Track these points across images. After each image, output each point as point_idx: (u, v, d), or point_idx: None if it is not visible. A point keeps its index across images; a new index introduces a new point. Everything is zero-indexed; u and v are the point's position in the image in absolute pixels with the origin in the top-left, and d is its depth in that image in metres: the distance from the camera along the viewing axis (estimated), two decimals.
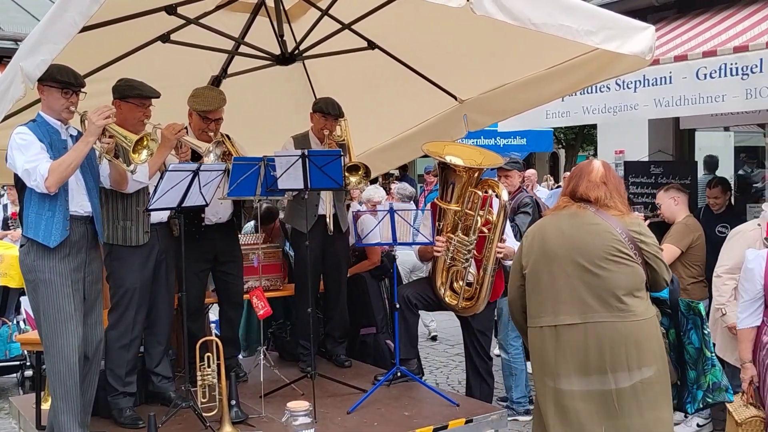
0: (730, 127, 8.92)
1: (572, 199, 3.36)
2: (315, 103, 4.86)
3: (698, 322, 3.46)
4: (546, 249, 3.34)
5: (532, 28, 3.47)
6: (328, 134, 4.67)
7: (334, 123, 4.72)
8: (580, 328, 3.20)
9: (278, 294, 5.30)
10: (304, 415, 3.62)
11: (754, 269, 3.72)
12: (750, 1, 6.08)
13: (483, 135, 11.79)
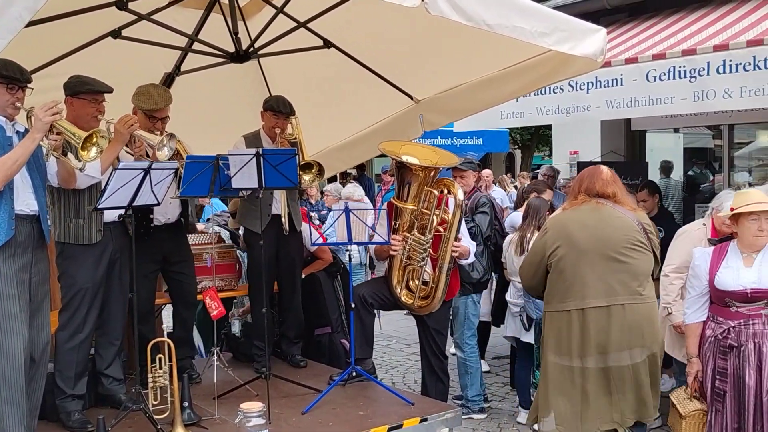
0: (680, 129, 9.13)
1: (589, 195, 3.82)
2: (266, 101, 4.82)
3: None
4: (572, 240, 3.76)
5: (486, 29, 3.50)
6: (279, 132, 4.64)
7: (285, 121, 4.69)
8: (604, 311, 3.67)
9: (233, 294, 5.24)
10: (258, 416, 3.58)
11: (701, 266, 3.81)
12: (699, 5, 6.24)
13: (440, 135, 11.86)
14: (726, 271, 3.71)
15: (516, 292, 5.57)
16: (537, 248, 3.97)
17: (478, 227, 5.66)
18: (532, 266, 3.99)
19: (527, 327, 5.38)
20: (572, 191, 4.01)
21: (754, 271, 3.64)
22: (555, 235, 3.84)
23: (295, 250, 4.96)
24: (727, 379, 3.69)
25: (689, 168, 9.98)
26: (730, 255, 3.76)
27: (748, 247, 3.71)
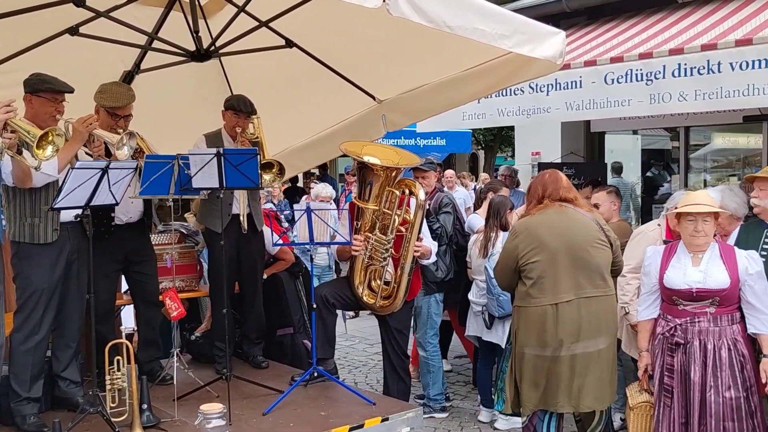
0: (638, 131, 9.30)
1: (552, 200, 4.10)
2: (227, 100, 4.79)
3: None
4: (544, 243, 4.02)
5: (447, 30, 3.53)
6: (240, 132, 4.61)
7: (246, 120, 4.67)
8: (574, 303, 3.96)
9: (193, 295, 5.19)
10: (218, 417, 3.56)
11: (651, 264, 3.91)
12: (656, 10, 6.36)
13: (403, 135, 11.91)
14: (674, 269, 3.80)
15: (478, 291, 5.61)
16: (509, 252, 4.18)
17: (443, 227, 5.71)
18: (505, 269, 4.22)
19: (489, 325, 5.43)
20: (534, 196, 4.20)
21: (700, 270, 3.72)
22: (527, 240, 4.09)
23: (257, 251, 4.93)
24: (674, 375, 3.78)
25: (647, 169, 10.18)
26: (679, 254, 3.85)
27: (688, 246, 3.81)
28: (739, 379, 3.64)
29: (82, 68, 4.45)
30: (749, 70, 4.49)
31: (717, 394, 3.65)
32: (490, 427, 5.59)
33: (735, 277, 3.67)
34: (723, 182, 8.40)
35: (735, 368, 3.65)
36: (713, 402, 3.65)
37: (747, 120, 7.12)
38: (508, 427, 5.51)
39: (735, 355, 3.66)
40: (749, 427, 3.63)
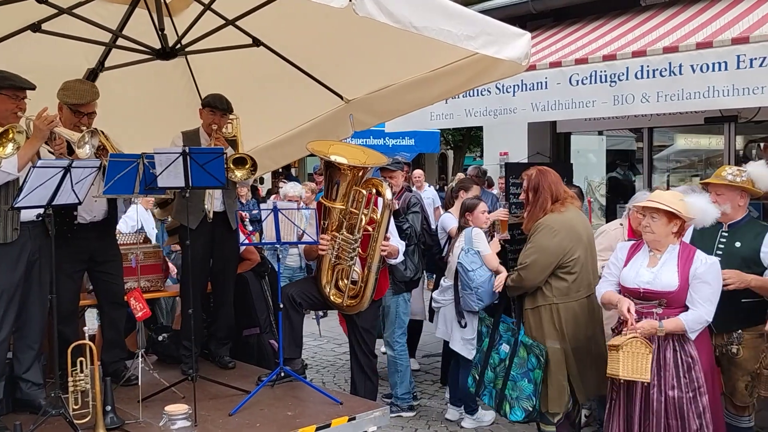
0: (603, 132, 9.41)
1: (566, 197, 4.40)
2: (204, 98, 4.79)
3: (511, 342, 4.47)
4: (581, 239, 4.37)
5: (413, 31, 3.54)
6: (216, 129, 4.59)
7: (222, 118, 4.65)
8: (592, 296, 4.26)
9: (159, 295, 5.15)
10: (184, 418, 3.54)
11: (618, 257, 3.98)
12: (619, 13, 6.46)
13: (372, 135, 11.92)
14: (630, 267, 3.86)
15: (442, 290, 5.65)
16: (553, 249, 4.31)
17: (412, 227, 5.73)
18: (545, 267, 4.33)
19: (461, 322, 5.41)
20: (549, 194, 4.40)
21: (653, 271, 3.78)
22: (568, 236, 4.34)
23: (230, 250, 4.90)
24: None
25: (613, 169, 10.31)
26: (640, 253, 3.91)
27: (647, 242, 3.87)
28: (684, 380, 3.69)
29: (46, 66, 4.39)
30: (709, 72, 4.58)
31: (660, 392, 3.71)
32: (458, 426, 5.64)
33: (684, 279, 3.71)
34: (686, 182, 8.55)
35: (680, 369, 3.71)
36: (655, 400, 3.71)
37: (708, 121, 7.26)
38: (474, 426, 5.57)
39: (682, 356, 3.72)
40: (695, 425, 3.69)
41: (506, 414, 4.45)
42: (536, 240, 4.37)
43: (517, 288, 4.48)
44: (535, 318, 4.42)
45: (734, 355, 4.05)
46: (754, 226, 4.19)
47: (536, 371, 4.34)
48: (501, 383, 4.47)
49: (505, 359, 4.49)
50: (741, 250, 4.07)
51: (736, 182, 4.10)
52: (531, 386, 4.35)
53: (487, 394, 4.61)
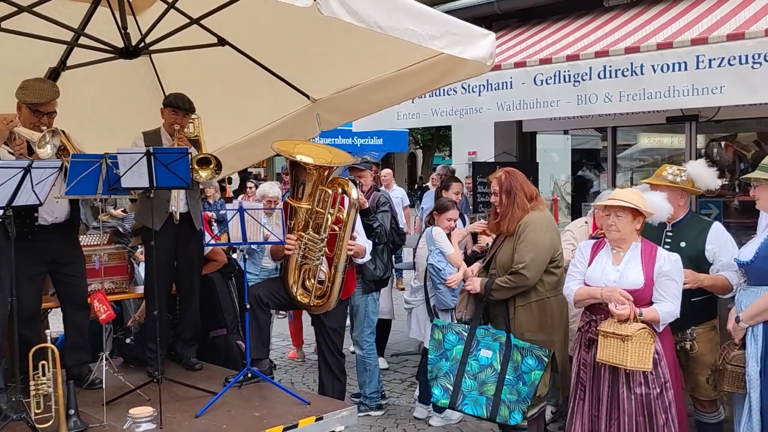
0: (569, 131, 9.52)
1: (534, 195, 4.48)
2: (165, 98, 4.73)
3: (495, 346, 4.38)
4: (559, 232, 4.53)
5: (378, 30, 3.55)
6: (178, 129, 4.55)
7: (185, 118, 4.61)
8: None
9: (123, 297, 5.09)
10: (148, 420, 3.50)
11: (583, 254, 4.03)
12: (583, 13, 6.54)
13: (340, 135, 11.90)
14: (595, 266, 3.90)
15: (412, 291, 5.68)
16: (548, 246, 4.38)
17: (382, 226, 5.75)
18: (543, 263, 4.36)
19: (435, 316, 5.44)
20: (524, 193, 4.44)
21: (618, 269, 3.83)
22: (555, 232, 4.49)
23: (195, 250, 4.86)
24: (587, 370, 3.89)
25: (578, 169, 10.43)
26: (603, 251, 3.95)
27: (609, 241, 3.92)
28: (652, 376, 3.73)
29: (6, 65, 4.33)
30: (670, 72, 4.66)
31: (628, 390, 3.75)
32: (426, 424, 5.66)
33: (650, 277, 3.77)
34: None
35: None
36: (625, 398, 3.75)
37: (670, 121, 7.38)
38: (442, 424, 5.60)
39: None
40: (662, 420, 3.74)
41: (505, 419, 4.32)
42: (529, 238, 4.35)
43: (514, 289, 4.36)
44: (527, 314, 4.39)
45: (690, 351, 4.13)
46: (698, 222, 4.27)
47: (535, 372, 4.29)
48: (494, 389, 4.35)
49: (488, 365, 4.38)
50: (686, 250, 4.13)
51: (676, 182, 4.18)
52: (526, 388, 4.31)
53: (469, 403, 4.40)
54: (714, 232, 4.15)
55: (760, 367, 3.59)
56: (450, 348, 4.50)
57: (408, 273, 10.36)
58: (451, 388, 4.44)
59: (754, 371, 3.60)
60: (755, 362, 3.60)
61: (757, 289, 3.64)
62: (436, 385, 4.52)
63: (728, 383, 3.75)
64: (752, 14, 4.81)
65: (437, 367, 4.53)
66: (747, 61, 4.36)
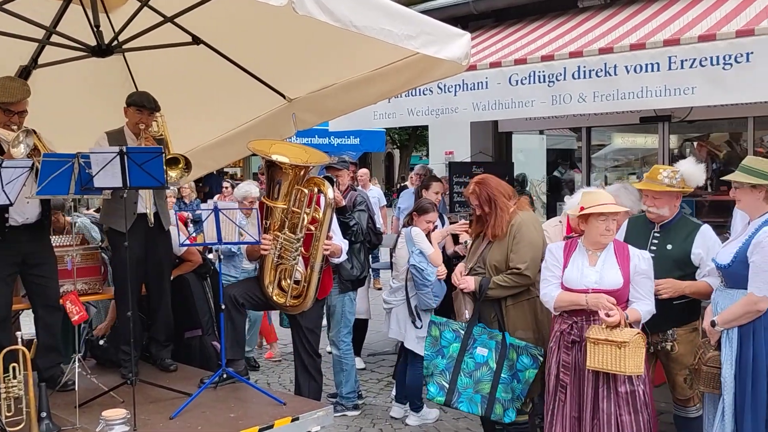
0: (544, 131, 9.59)
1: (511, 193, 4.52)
2: (129, 96, 4.66)
3: (491, 345, 4.36)
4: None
5: (353, 30, 3.55)
6: (144, 129, 4.51)
7: (149, 117, 4.56)
8: None
9: (97, 298, 5.03)
10: (122, 423, 3.46)
11: (557, 257, 4.01)
12: (558, 13, 6.58)
13: (317, 134, 11.87)
14: (572, 268, 3.90)
15: (391, 291, 5.67)
16: (539, 244, 4.40)
17: (359, 225, 5.74)
18: (539, 261, 4.29)
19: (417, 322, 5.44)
20: (504, 196, 4.47)
21: (596, 270, 3.85)
22: (541, 231, 4.53)
23: (164, 251, 4.82)
24: (569, 371, 3.88)
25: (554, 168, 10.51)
26: (577, 253, 3.96)
27: (593, 244, 3.91)
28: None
29: None
30: (643, 73, 4.70)
31: (610, 389, 3.77)
32: (402, 423, 5.67)
33: (627, 276, 3.82)
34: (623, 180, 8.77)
35: None
36: (605, 397, 3.77)
37: (644, 121, 7.46)
38: (419, 423, 5.61)
39: None
40: (644, 418, 3.78)
41: (499, 417, 4.34)
42: (523, 238, 4.36)
43: (514, 288, 4.36)
44: (518, 313, 4.41)
45: (670, 351, 4.16)
46: (686, 224, 4.26)
47: (529, 371, 4.32)
48: (489, 387, 4.35)
49: (483, 363, 4.38)
50: (673, 252, 4.15)
51: (673, 185, 4.18)
52: (520, 386, 4.34)
53: (464, 401, 4.40)
54: (701, 235, 4.14)
55: (735, 371, 3.62)
56: (447, 345, 4.48)
57: (385, 273, 10.38)
58: (447, 386, 4.43)
59: (728, 374, 3.64)
60: (730, 365, 3.64)
61: (734, 292, 3.67)
62: (431, 382, 4.50)
63: (703, 383, 3.80)
64: (723, 15, 4.87)
65: (433, 365, 4.51)
66: (719, 62, 4.41)
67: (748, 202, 3.70)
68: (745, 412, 3.58)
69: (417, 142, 31.32)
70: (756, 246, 3.54)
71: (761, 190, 3.64)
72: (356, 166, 9.14)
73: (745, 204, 3.73)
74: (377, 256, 10.31)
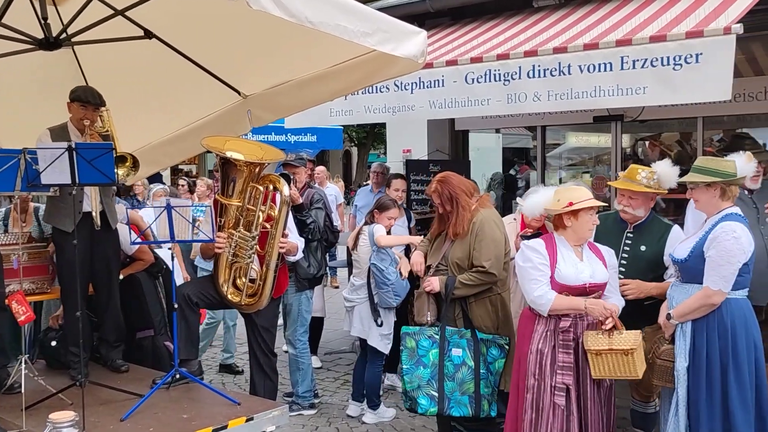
0: (500, 129, 9.68)
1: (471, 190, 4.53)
2: (72, 91, 4.54)
3: (463, 344, 4.36)
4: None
5: (309, 26, 3.51)
6: (88, 125, 4.40)
7: (94, 113, 4.46)
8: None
9: (44, 297, 4.90)
10: (70, 425, 3.37)
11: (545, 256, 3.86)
12: (513, 12, 6.64)
13: (273, 131, 11.75)
14: (565, 265, 3.81)
15: (352, 289, 5.65)
16: (502, 240, 4.44)
17: (316, 222, 5.70)
18: (502, 257, 4.40)
19: (378, 321, 5.42)
20: (466, 193, 4.46)
21: (587, 265, 3.84)
22: (503, 228, 4.52)
23: (111, 249, 4.71)
24: (572, 372, 3.74)
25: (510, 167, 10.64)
26: (563, 248, 3.86)
27: (579, 239, 3.87)
28: None
29: None
30: (596, 72, 4.75)
31: (598, 384, 3.80)
32: (358, 422, 5.65)
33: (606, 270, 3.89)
34: (576, 178, 8.91)
35: None
36: (595, 393, 3.79)
37: (597, 120, 7.58)
38: (375, 421, 5.60)
39: None
40: (613, 412, 3.86)
41: (487, 413, 4.33)
42: (486, 236, 4.36)
43: (479, 286, 4.36)
44: (482, 310, 4.42)
45: None
46: (658, 225, 4.34)
47: (498, 361, 4.38)
48: (473, 386, 4.34)
49: (461, 364, 4.36)
50: (646, 254, 4.23)
51: (650, 186, 4.23)
52: (493, 378, 4.39)
53: (454, 405, 4.34)
54: (673, 237, 4.22)
55: (688, 363, 3.70)
56: (425, 353, 4.42)
57: (342, 271, 10.35)
58: (437, 395, 4.37)
59: (682, 367, 3.71)
60: (683, 358, 3.71)
61: (689, 287, 3.75)
62: (421, 395, 4.39)
63: (657, 377, 3.86)
64: (674, 17, 4.96)
65: (417, 377, 4.41)
66: (669, 63, 4.48)
67: (704, 200, 3.78)
68: (700, 406, 3.64)
69: (375, 140, 31.32)
70: (712, 241, 3.62)
71: (716, 188, 3.72)
72: (313, 163, 9.08)
73: (702, 203, 3.81)
74: (334, 255, 10.28)
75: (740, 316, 3.64)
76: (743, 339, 3.62)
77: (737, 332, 3.62)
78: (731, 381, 3.60)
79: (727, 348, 3.62)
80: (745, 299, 3.71)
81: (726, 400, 3.60)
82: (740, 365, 3.60)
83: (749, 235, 3.63)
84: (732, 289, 3.61)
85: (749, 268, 3.65)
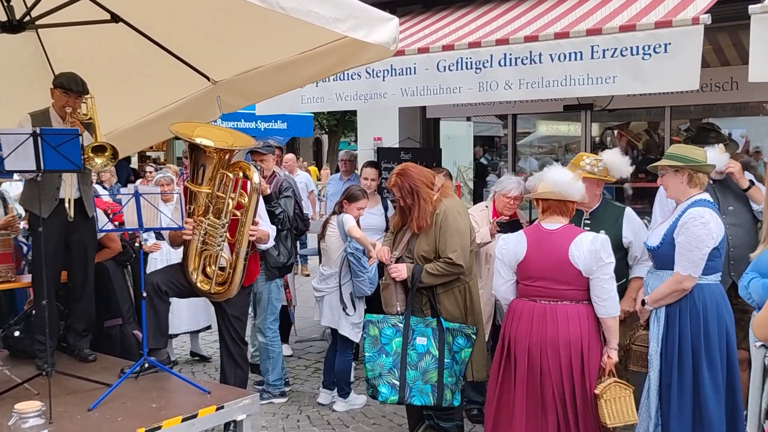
0: (471, 117, 9.69)
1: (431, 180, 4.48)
2: (56, 78, 4.47)
3: (428, 333, 4.36)
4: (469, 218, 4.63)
5: (280, 11, 3.47)
6: (70, 112, 4.32)
7: (77, 100, 4.38)
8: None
9: (8, 286, 4.81)
10: (36, 416, 3.33)
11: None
12: (484, 1, 6.63)
13: (243, 118, 11.66)
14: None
15: (321, 278, 5.63)
16: (466, 230, 4.42)
17: (285, 211, 5.67)
18: (468, 247, 4.40)
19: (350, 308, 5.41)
20: (427, 184, 4.41)
21: None
22: (468, 218, 4.52)
23: (88, 237, 4.64)
24: None
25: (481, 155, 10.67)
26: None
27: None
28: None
29: None
30: (566, 61, 4.77)
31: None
32: (329, 409, 5.65)
33: None
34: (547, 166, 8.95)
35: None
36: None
37: (567, 109, 7.62)
38: (346, 409, 5.61)
39: None
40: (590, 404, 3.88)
41: (450, 402, 4.35)
42: (452, 227, 4.35)
43: (446, 276, 4.37)
44: (450, 300, 4.43)
45: None
46: (612, 209, 4.46)
47: (465, 350, 4.39)
48: (436, 375, 4.35)
49: (425, 352, 4.37)
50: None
51: (594, 173, 4.31)
52: (458, 367, 4.40)
53: (416, 394, 4.35)
54: (627, 219, 4.37)
55: (660, 348, 3.76)
56: (388, 342, 4.42)
57: (313, 259, 10.32)
58: (398, 383, 4.37)
59: (654, 351, 3.78)
60: (656, 342, 3.78)
61: (663, 273, 3.81)
62: (381, 383, 4.38)
63: (633, 362, 3.93)
64: (644, 6, 4.99)
65: (379, 365, 4.40)
66: (638, 52, 4.52)
67: (673, 187, 3.86)
68: (672, 391, 3.71)
69: (345, 128, 31.24)
70: (681, 227, 3.68)
71: (683, 174, 3.79)
72: (282, 151, 9.01)
73: (672, 190, 3.88)
74: (305, 242, 10.23)
75: (712, 301, 3.72)
76: (714, 323, 3.70)
77: (708, 317, 3.69)
78: (703, 364, 3.67)
79: (699, 332, 3.69)
80: (717, 284, 3.79)
81: (698, 382, 3.68)
82: (712, 349, 3.68)
83: (718, 220, 3.71)
84: (703, 274, 3.69)
85: (720, 252, 3.74)
